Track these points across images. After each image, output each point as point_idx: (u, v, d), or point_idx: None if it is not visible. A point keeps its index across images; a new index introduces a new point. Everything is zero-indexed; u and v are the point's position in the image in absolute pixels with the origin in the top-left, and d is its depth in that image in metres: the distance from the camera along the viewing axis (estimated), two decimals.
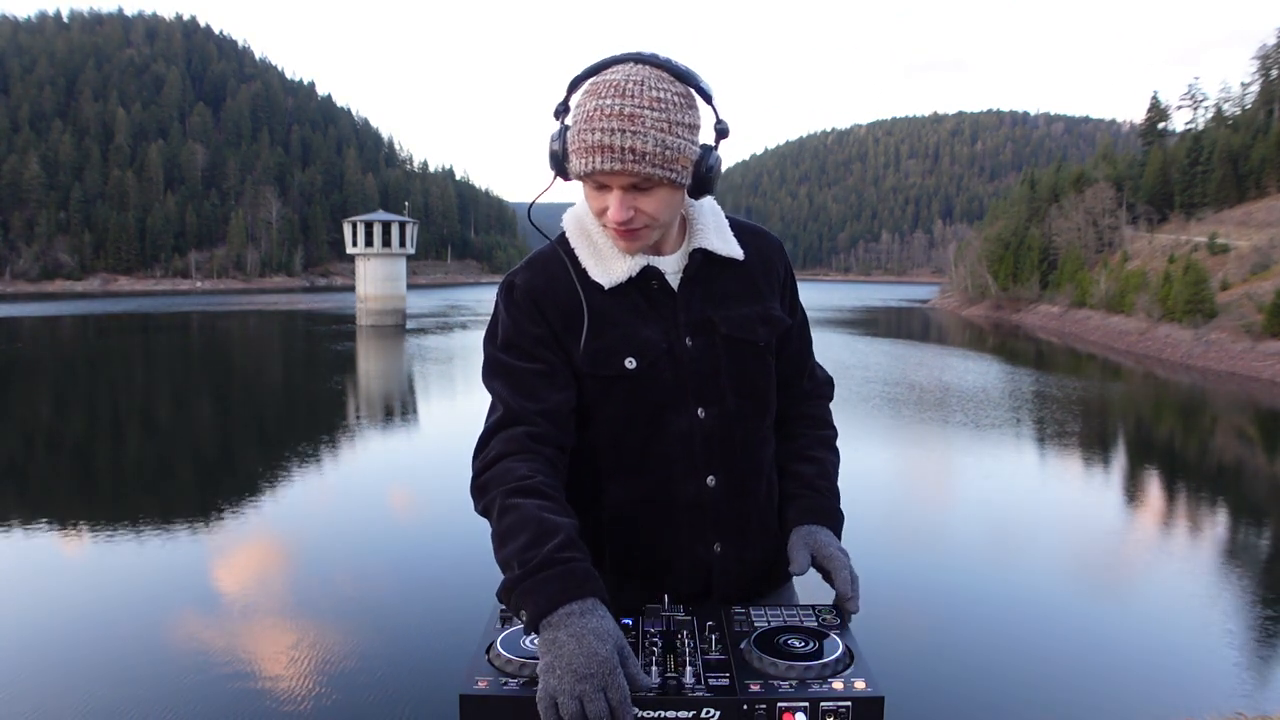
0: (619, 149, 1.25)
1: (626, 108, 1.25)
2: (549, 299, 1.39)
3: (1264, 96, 57.42)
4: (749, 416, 1.45)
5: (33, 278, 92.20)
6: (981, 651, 7.43)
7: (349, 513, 11.44)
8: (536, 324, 1.38)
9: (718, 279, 1.44)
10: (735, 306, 1.44)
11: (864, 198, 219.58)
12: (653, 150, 1.26)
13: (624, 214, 1.30)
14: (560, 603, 1.11)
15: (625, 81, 1.27)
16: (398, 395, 22.46)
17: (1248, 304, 31.59)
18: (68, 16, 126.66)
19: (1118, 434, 18.87)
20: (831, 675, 1.12)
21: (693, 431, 1.40)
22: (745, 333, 1.43)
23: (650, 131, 1.25)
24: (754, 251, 1.48)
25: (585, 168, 1.28)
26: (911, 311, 67.88)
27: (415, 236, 46.51)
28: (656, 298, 1.41)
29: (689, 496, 1.41)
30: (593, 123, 1.26)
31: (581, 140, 1.27)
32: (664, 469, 1.40)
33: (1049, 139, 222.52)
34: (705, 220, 1.45)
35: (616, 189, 1.29)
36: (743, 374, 1.44)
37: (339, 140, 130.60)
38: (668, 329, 1.40)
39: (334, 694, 6.35)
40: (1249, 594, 9.02)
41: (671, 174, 1.29)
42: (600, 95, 1.27)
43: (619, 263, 1.39)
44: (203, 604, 8.06)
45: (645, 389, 1.39)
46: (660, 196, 1.31)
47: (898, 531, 10.77)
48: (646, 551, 1.42)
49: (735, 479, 1.43)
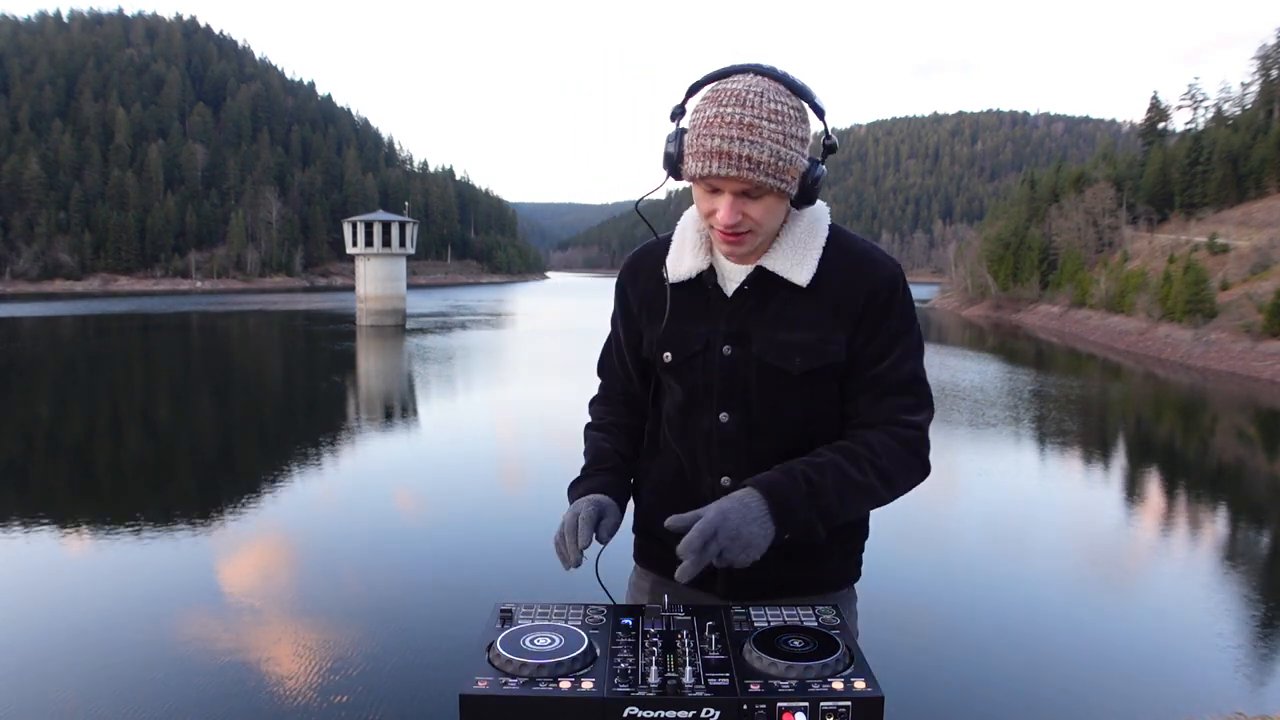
0: (736, 156, 1.31)
1: (747, 117, 1.31)
2: (634, 282, 1.59)
3: (1264, 96, 57.41)
4: (773, 430, 1.48)
5: (33, 278, 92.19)
6: (981, 651, 7.43)
7: (349, 513, 11.44)
8: (622, 300, 1.63)
9: (774, 298, 1.46)
10: (781, 329, 1.45)
11: (864, 198, 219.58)
12: (767, 160, 1.32)
13: (733, 218, 1.36)
14: (577, 497, 1.51)
15: (746, 91, 1.33)
16: (398, 395, 22.45)
17: (1248, 304, 31.59)
18: (68, 16, 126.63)
19: (1117, 434, 18.88)
20: (831, 675, 1.12)
21: (712, 433, 1.50)
22: (777, 358, 1.45)
23: (767, 142, 1.32)
24: (835, 279, 1.45)
25: (701, 170, 1.34)
26: None
27: (415, 236, 46.49)
28: (712, 301, 1.50)
29: (703, 492, 1.50)
30: (713, 129, 1.32)
31: (700, 144, 1.34)
32: (689, 460, 1.54)
33: (1049, 139, 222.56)
34: (792, 237, 1.46)
35: (728, 194, 1.36)
36: (771, 393, 1.47)
37: (339, 140, 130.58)
38: (711, 332, 1.48)
39: (334, 693, 6.35)
40: (1249, 594, 9.02)
41: (781, 184, 1.35)
42: (721, 103, 1.33)
43: (688, 261, 1.50)
44: (202, 604, 8.06)
45: (680, 383, 1.52)
46: (768, 204, 1.38)
47: (897, 531, 10.77)
48: (663, 528, 1.50)
49: None
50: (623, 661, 1.16)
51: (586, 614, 1.31)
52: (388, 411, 19.92)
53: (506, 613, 1.30)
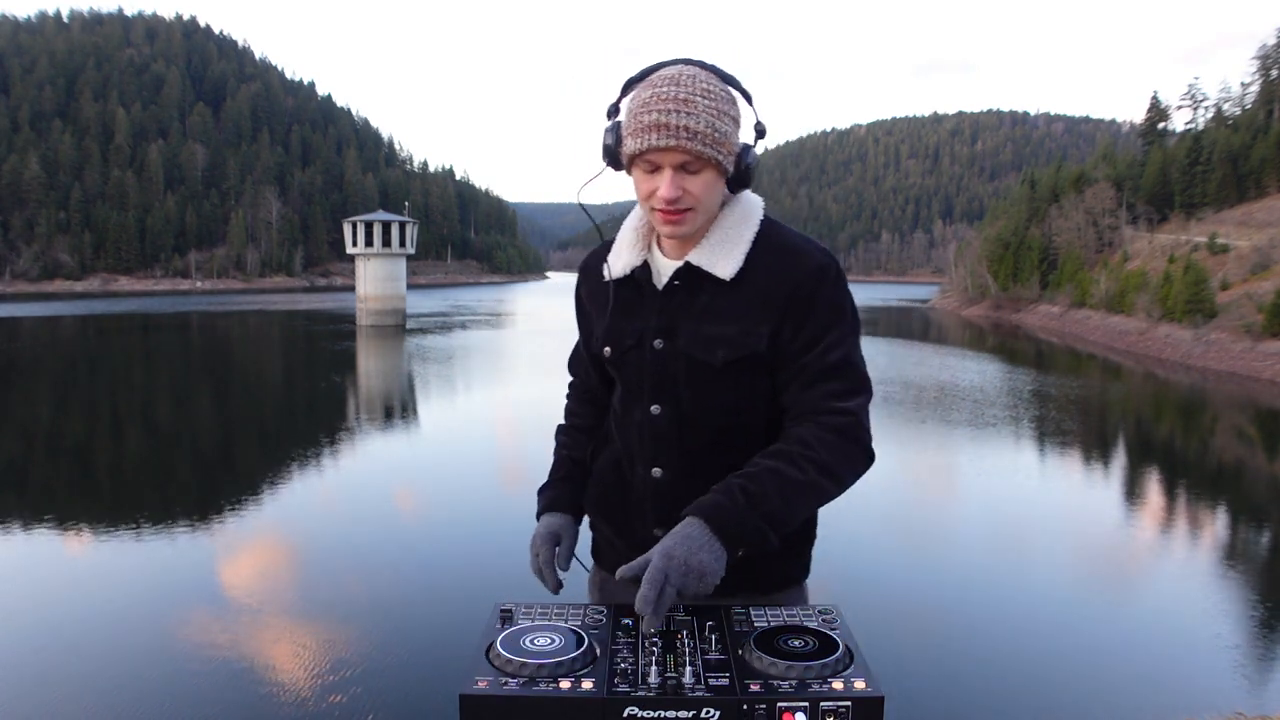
0: (674, 126, 1.35)
1: (681, 94, 1.36)
2: (585, 282, 1.67)
3: (1264, 96, 57.43)
4: (702, 422, 1.52)
5: (33, 278, 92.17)
6: (981, 651, 7.43)
7: (349, 513, 11.44)
8: (578, 300, 1.70)
9: (701, 292, 1.49)
10: (706, 323, 1.47)
11: (864, 198, 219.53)
12: (704, 130, 1.36)
13: (674, 191, 1.38)
14: (540, 514, 1.65)
15: (678, 74, 1.39)
16: (398, 395, 22.45)
17: (1248, 304, 31.59)
18: (68, 16, 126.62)
19: (1117, 434, 18.87)
20: (831, 675, 1.12)
21: (645, 424, 1.55)
22: (700, 350, 1.48)
23: (703, 114, 1.36)
24: (761, 272, 1.46)
25: (640, 144, 1.38)
26: (911, 311, 67.86)
27: (415, 236, 46.49)
28: (645, 297, 1.54)
29: (637, 482, 1.57)
30: (649, 105, 1.37)
31: (638, 122, 1.38)
32: (625, 452, 1.60)
33: (1049, 139, 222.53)
34: (720, 231, 1.48)
35: (668, 168, 1.38)
36: (699, 385, 1.50)
37: (339, 140, 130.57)
38: (643, 327, 1.53)
39: (334, 693, 6.35)
40: (1249, 594, 9.01)
41: (719, 155, 1.39)
42: (655, 85, 1.39)
43: (625, 257, 1.55)
44: (202, 604, 8.06)
45: (620, 377, 1.59)
46: (706, 179, 1.40)
47: (897, 531, 10.77)
48: (603, 516, 1.66)
49: (681, 475, 1.52)
50: (623, 661, 1.16)
51: (586, 614, 1.31)
52: (388, 411, 19.91)
53: (506, 613, 1.30)
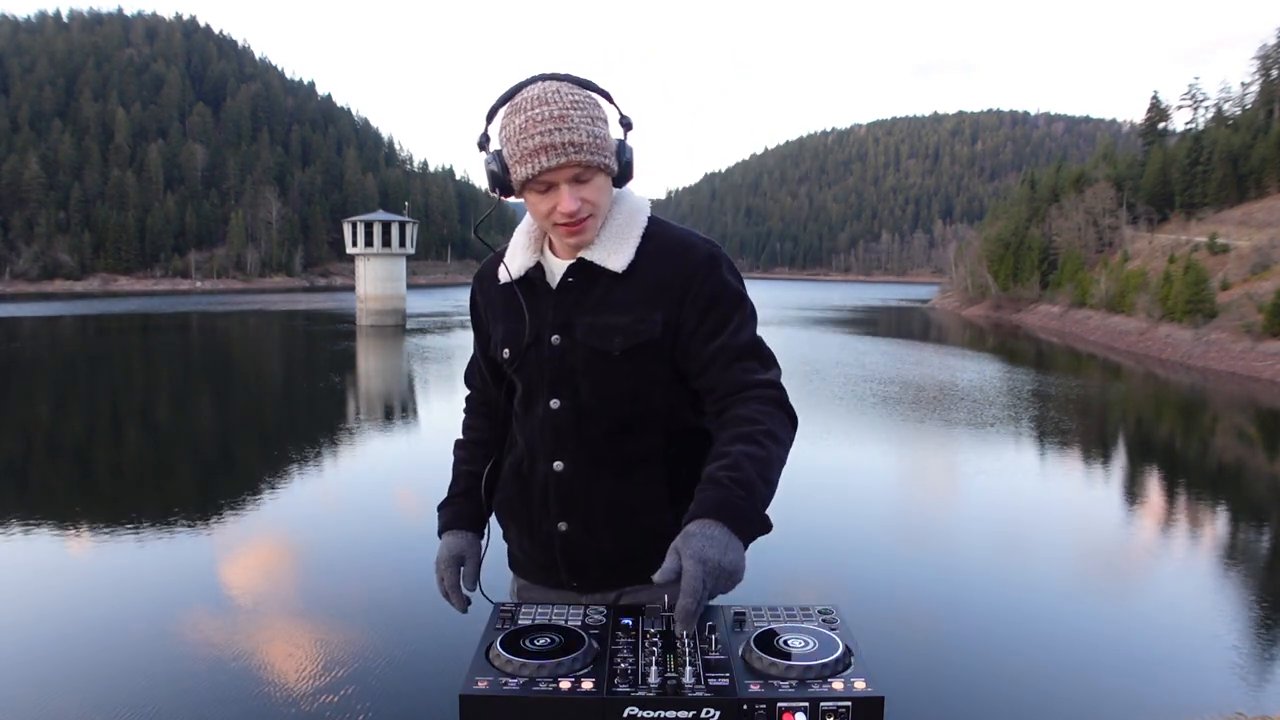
0: (560, 144, 1.39)
1: (554, 111, 1.40)
2: (481, 289, 1.69)
3: (1264, 96, 57.43)
4: (601, 412, 1.55)
5: (33, 278, 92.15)
6: (981, 651, 7.43)
7: (348, 513, 11.44)
8: (474, 309, 1.73)
9: (595, 286, 1.53)
10: (602, 314, 1.52)
11: (864, 198, 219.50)
12: (587, 140, 1.41)
13: (574, 204, 1.43)
14: (441, 532, 1.68)
15: (542, 92, 1.42)
16: (398, 395, 22.46)
17: (1248, 304, 31.58)
18: (67, 16, 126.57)
19: (1118, 434, 18.87)
20: (831, 675, 1.12)
21: (545, 419, 1.57)
22: (598, 340, 1.52)
23: (580, 125, 1.40)
24: (652, 264, 1.52)
25: (532, 170, 1.41)
26: (911, 311, 67.86)
27: (415, 236, 46.51)
28: (539, 295, 1.57)
29: (540, 477, 1.60)
30: (527, 131, 1.40)
31: (522, 149, 1.41)
32: (529, 448, 1.62)
33: (1049, 139, 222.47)
34: (611, 228, 1.53)
35: (562, 184, 1.43)
36: (599, 376, 1.54)
37: (339, 140, 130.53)
38: (539, 326, 1.56)
39: (333, 694, 6.35)
40: (1249, 594, 9.01)
41: (605, 159, 1.44)
42: (525, 110, 1.42)
43: (518, 260, 1.60)
44: (202, 604, 8.06)
45: (520, 377, 1.61)
46: (598, 184, 1.46)
47: (897, 531, 10.77)
48: (511, 516, 1.68)
49: (583, 467, 1.56)
50: (623, 661, 1.16)
51: (586, 614, 1.31)
52: (388, 411, 19.92)
53: (506, 613, 1.31)
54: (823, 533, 10.17)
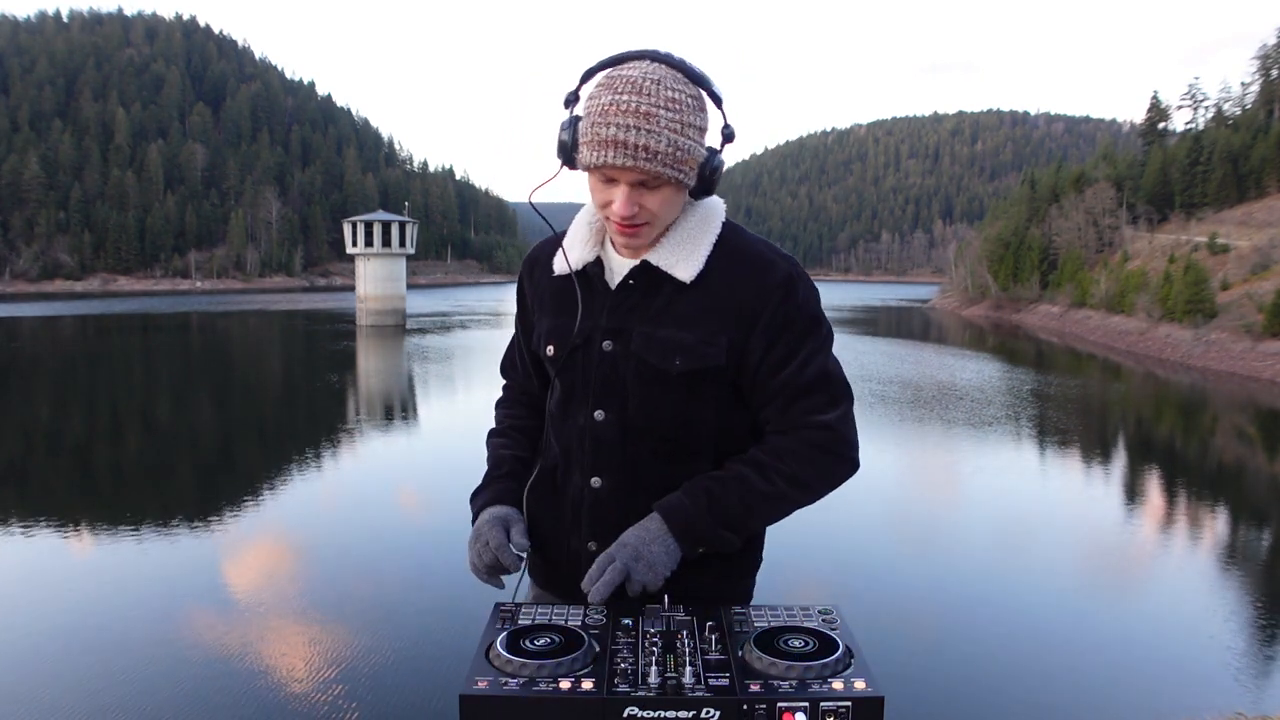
0: (633, 146, 1.27)
1: (643, 105, 1.27)
2: (530, 277, 1.58)
3: (1264, 96, 57.46)
4: (648, 431, 1.43)
5: (33, 278, 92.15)
6: (981, 651, 7.43)
7: (348, 513, 11.44)
8: (520, 296, 1.62)
9: (658, 294, 1.41)
10: (662, 326, 1.40)
11: (864, 198, 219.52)
12: (665, 150, 1.28)
13: (630, 209, 1.32)
14: (481, 510, 1.52)
15: (642, 79, 1.29)
16: (398, 395, 22.45)
17: (1248, 304, 31.59)
18: (67, 16, 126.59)
19: (1118, 434, 18.87)
20: (831, 675, 1.12)
21: (586, 430, 1.45)
22: (656, 357, 1.39)
23: (664, 131, 1.27)
24: (724, 278, 1.39)
25: (596, 160, 1.30)
26: (911, 311, 67.86)
27: (415, 236, 46.50)
28: (596, 295, 1.45)
29: (573, 491, 1.48)
30: (608, 117, 1.27)
31: (595, 133, 1.29)
32: (564, 459, 1.50)
33: (1049, 139, 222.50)
34: (681, 232, 1.41)
35: (624, 184, 1.31)
36: (651, 392, 1.41)
37: (339, 140, 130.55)
38: (590, 327, 1.44)
39: (334, 694, 6.35)
40: (1249, 594, 9.01)
41: (679, 174, 1.31)
42: (617, 90, 1.28)
43: (576, 253, 1.47)
44: (202, 604, 8.06)
45: (562, 379, 1.49)
46: (665, 195, 1.34)
47: (897, 531, 10.77)
48: (538, 525, 1.53)
49: (621, 486, 1.44)
50: (623, 661, 1.16)
51: (586, 614, 1.31)
52: (388, 411, 19.91)
53: (506, 613, 1.31)
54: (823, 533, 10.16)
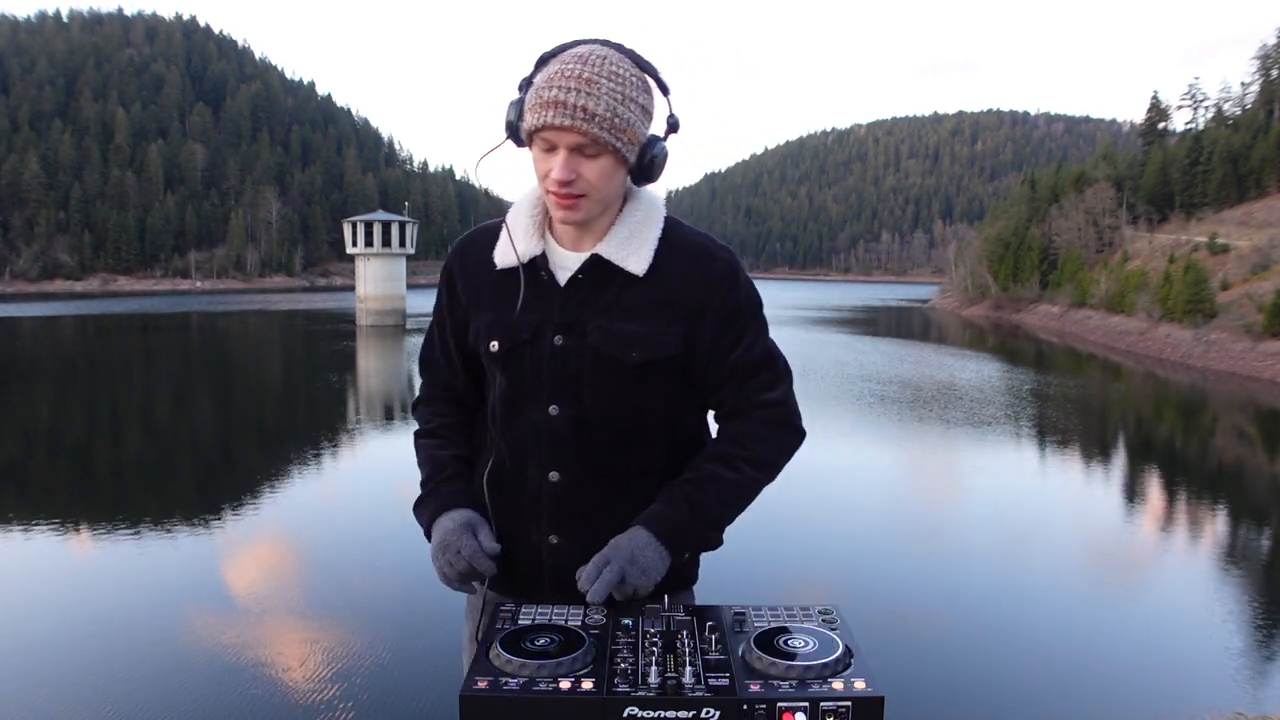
0: (572, 105, 1.29)
1: (586, 73, 1.30)
2: (462, 267, 1.53)
3: (1264, 96, 57.47)
4: (606, 423, 1.45)
5: (33, 278, 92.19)
6: (981, 651, 7.43)
7: (349, 513, 11.44)
8: (449, 287, 1.55)
9: (609, 287, 1.42)
10: (616, 319, 1.41)
11: (864, 198, 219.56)
12: (604, 113, 1.30)
13: (567, 174, 1.32)
14: (435, 517, 1.46)
15: (589, 54, 1.33)
16: (398, 395, 22.45)
17: (1248, 304, 31.59)
18: (67, 16, 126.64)
19: (1118, 434, 18.88)
20: (831, 675, 1.12)
21: (541, 426, 1.45)
22: (613, 348, 1.41)
23: (604, 97, 1.30)
24: (672, 270, 1.42)
25: (537, 121, 1.31)
26: (911, 311, 67.88)
27: (415, 236, 46.53)
28: (543, 289, 1.44)
29: (532, 486, 1.47)
30: (551, 82, 1.31)
31: (538, 97, 1.32)
32: (515, 455, 1.48)
33: (1049, 139, 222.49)
34: (628, 225, 1.43)
35: (563, 149, 1.32)
36: (606, 385, 1.43)
37: (339, 140, 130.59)
38: (541, 322, 1.44)
39: (334, 694, 6.35)
40: (1249, 594, 9.02)
41: (618, 142, 1.33)
42: (563, 61, 1.33)
43: (521, 245, 1.45)
44: (203, 604, 8.06)
45: (508, 374, 1.46)
46: (603, 166, 1.34)
47: (897, 530, 10.77)
48: (495, 522, 1.50)
49: (581, 478, 1.46)
50: (623, 661, 1.16)
51: (586, 614, 1.31)
52: (388, 411, 19.92)
53: (507, 613, 1.31)
54: (823, 533, 10.17)
